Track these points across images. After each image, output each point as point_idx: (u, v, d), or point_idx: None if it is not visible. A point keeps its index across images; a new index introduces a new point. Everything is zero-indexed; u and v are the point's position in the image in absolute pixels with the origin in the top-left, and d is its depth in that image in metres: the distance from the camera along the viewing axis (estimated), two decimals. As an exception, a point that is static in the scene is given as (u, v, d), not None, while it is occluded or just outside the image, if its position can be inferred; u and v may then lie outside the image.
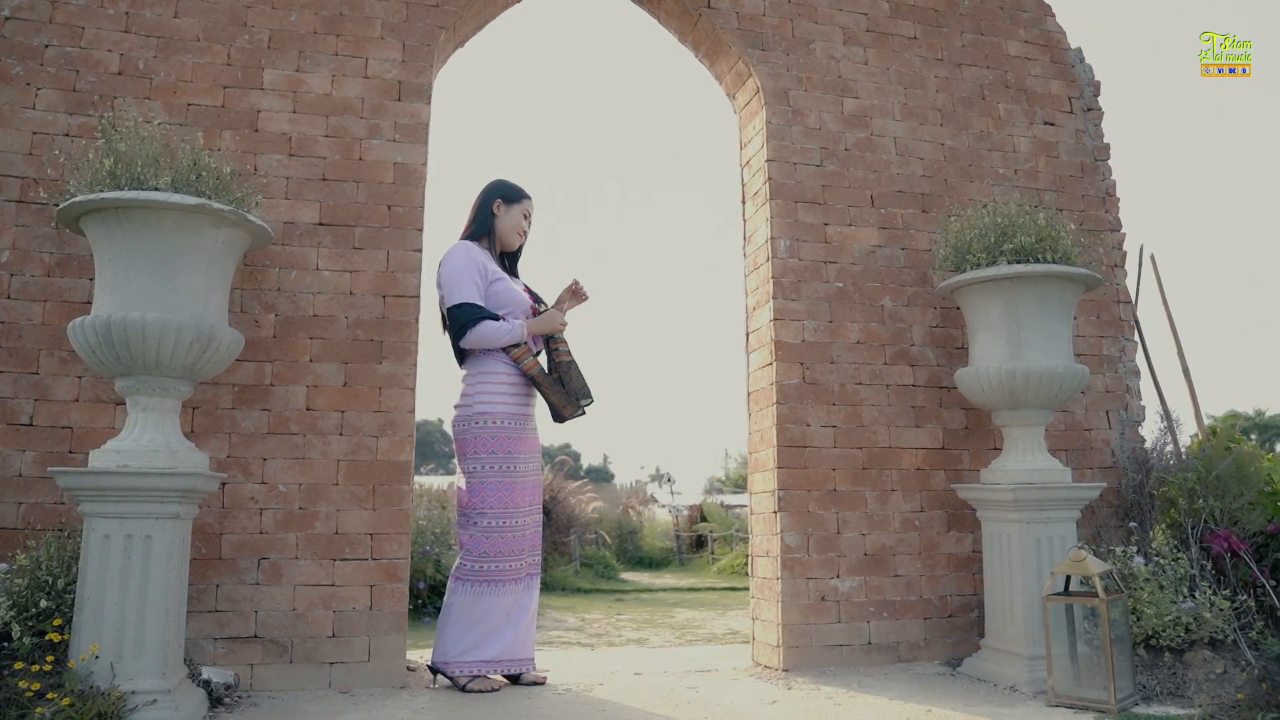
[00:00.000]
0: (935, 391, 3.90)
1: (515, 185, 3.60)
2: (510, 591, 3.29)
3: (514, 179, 3.66)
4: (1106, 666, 2.96)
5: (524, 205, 3.59)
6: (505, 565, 3.28)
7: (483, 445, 3.30)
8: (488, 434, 3.31)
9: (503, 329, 3.32)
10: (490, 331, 3.31)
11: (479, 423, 3.32)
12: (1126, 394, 4.10)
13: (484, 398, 3.34)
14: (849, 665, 3.58)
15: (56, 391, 3.06)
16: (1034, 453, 3.46)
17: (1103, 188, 4.28)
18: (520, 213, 3.57)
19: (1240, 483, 3.68)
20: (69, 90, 3.25)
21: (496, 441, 3.31)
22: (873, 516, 3.74)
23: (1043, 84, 4.31)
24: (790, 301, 3.80)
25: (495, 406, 3.33)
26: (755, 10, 4.00)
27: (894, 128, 4.07)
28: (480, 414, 3.33)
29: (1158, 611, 3.23)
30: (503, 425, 3.33)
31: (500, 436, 3.32)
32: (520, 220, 3.57)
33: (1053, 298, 3.39)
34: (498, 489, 3.29)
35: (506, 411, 3.34)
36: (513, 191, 3.58)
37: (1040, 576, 3.30)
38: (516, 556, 3.31)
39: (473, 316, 3.29)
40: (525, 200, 3.59)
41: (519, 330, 3.35)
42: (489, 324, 3.31)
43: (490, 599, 3.26)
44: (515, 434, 3.35)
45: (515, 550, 3.31)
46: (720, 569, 15.91)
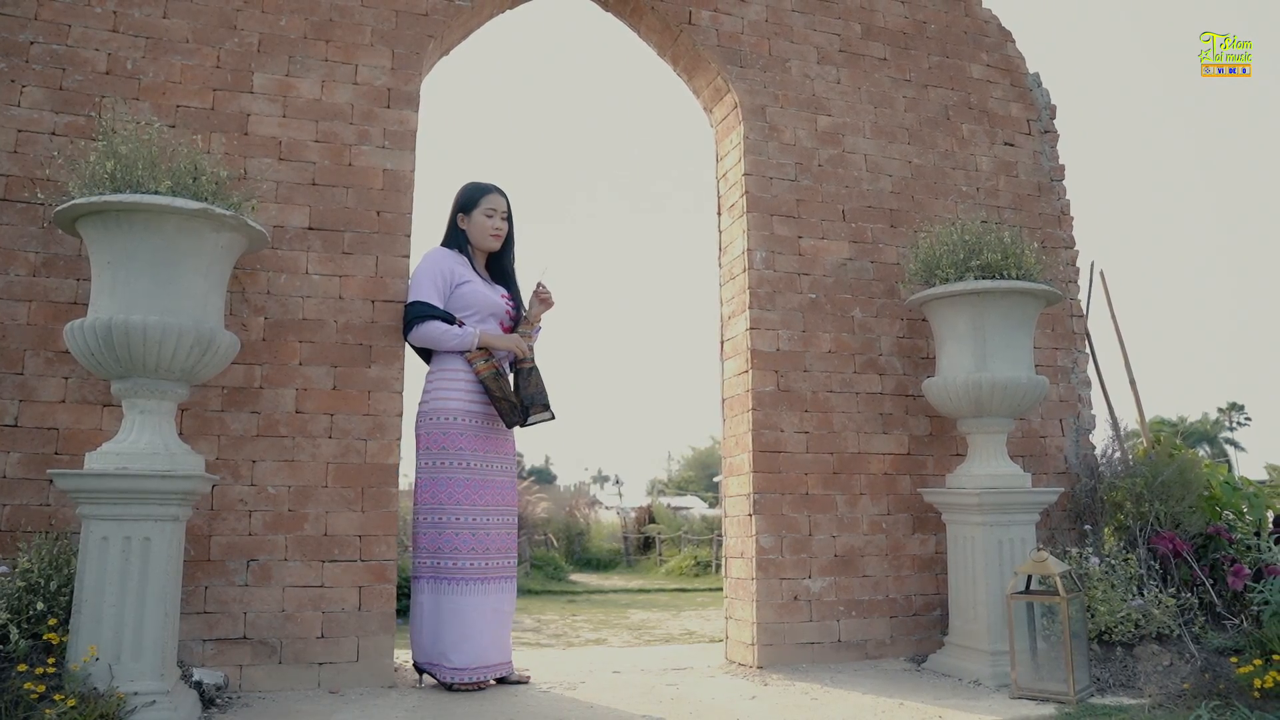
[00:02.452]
0: (902, 399, 4.07)
1: (471, 187, 3.59)
2: (478, 591, 3.29)
3: (484, 178, 3.70)
4: (1066, 660, 3.14)
5: (484, 204, 3.56)
6: (467, 563, 3.28)
7: (435, 441, 3.34)
8: (440, 430, 3.34)
9: (450, 333, 3.35)
10: (435, 332, 3.34)
11: (434, 419, 3.36)
12: (1079, 403, 4.33)
13: (442, 394, 3.38)
14: (820, 662, 3.73)
15: (42, 392, 3.04)
16: (997, 459, 3.64)
17: (1058, 206, 4.50)
18: (482, 214, 3.55)
19: (1183, 487, 3.91)
20: (55, 89, 3.23)
21: (450, 438, 3.34)
22: (843, 519, 3.89)
23: (1003, 106, 4.53)
24: (766, 311, 3.94)
25: (452, 403, 3.36)
26: (734, 29, 4.13)
27: (864, 145, 4.23)
28: (437, 409, 3.37)
29: (1110, 609, 3.44)
30: (458, 422, 3.36)
31: (454, 433, 3.34)
32: (485, 221, 3.55)
33: (1016, 312, 3.58)
34: (449, 485, 3.31)
35: (465, 409, 3.37)
36: (469, 199, 3.57)
37: (1002, 576, 3.48)
38: (480, 556, 3.31)
39: (419, 314, 3.33)
40: (484, 197, 3.56)
41: (467, 339, 3.36)
42: (435, 324, 3.34)
43: (455, 597, 3.25)
44: (478, 432, 3.38)
45: (479, 549, 3.31)
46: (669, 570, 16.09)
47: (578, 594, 12.18)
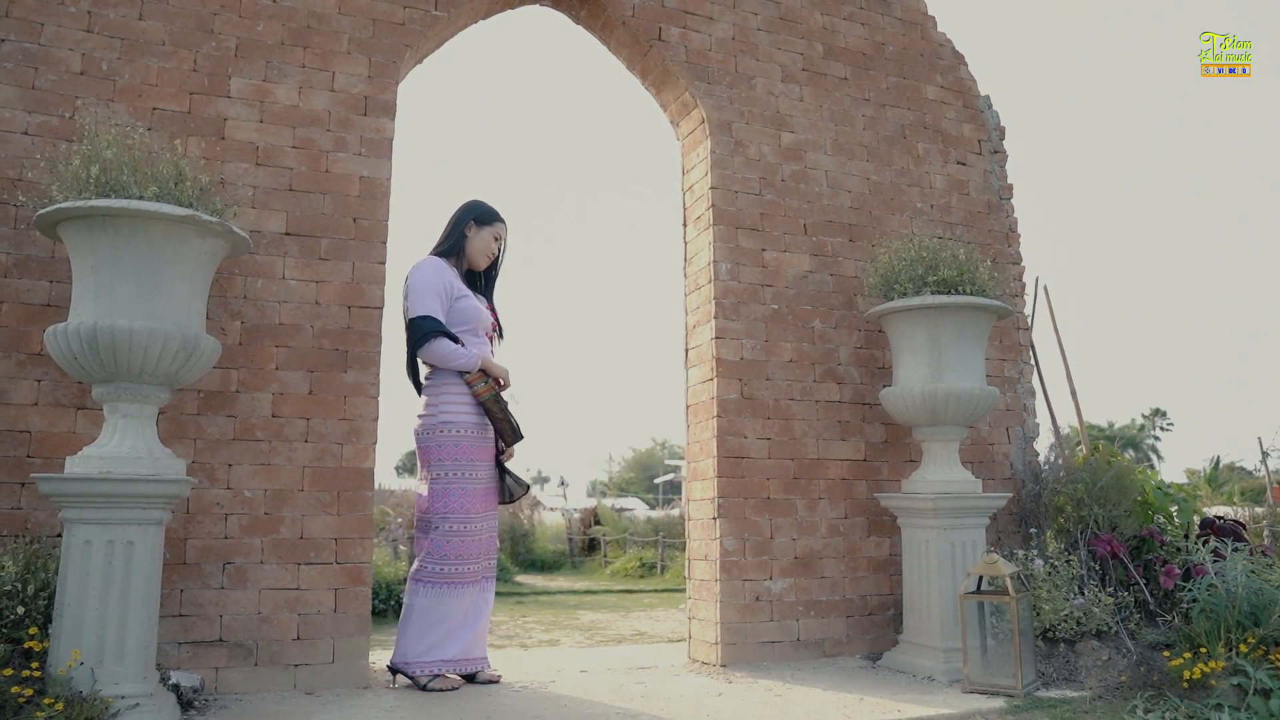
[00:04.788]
0: (859, 408, 4.23)
1: (490, 208, 3.73)
2: (468, 593, 3.43)
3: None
4: (1015, 656, 3.33)
5: (495, 229, 3.72)
6: (464, 568, 3.41)
7: (446, 453, 3.43)
8: (451, 442, 3.43)
9: (459, 353, 3.44)
10: (446, 350, 3.42)
11: (443, 431, 3.44)
12: (1024, 412, 4.55)
13: (449, 407, 3.46)
14: (780, 660, 3.87)
15: (14, 395, 3.02)
16: (950, 466, 3.82)
17: (1006, 224, 4.72)
18: (490, 235, 3.70)
19: (1120, 493, 4.15)
20: (27, 88, 3.20)
21: (460, 449, 3.44)
22: (802, 523, 4.04)
23: (956, 126, 4.73)
24: (730, 321, 4.06)
25: (459, 416, 3.46)
26: (703, 46, 4.25)
27: (825, 161, 4.39)
28: (445, 423, 3.44)
29: (1054, 608, 3.64)
30: (465, 434, 3.46)
31: (464, 444, 3.45)
32: (490, 243, 3.70)
33: (970, 326, 3.76)
34: (460, 495, 3.42)
35: (470, 421, 3.47)
36: (486, 215, 3.71)
37: (955, 577, 3.65)
38: (474, 560, 3.45)
39: (433, 329, 3.40)
40: (498, 224, 3.73)
41: (472, 360, 3.46)
42: (446, 343, 3.42)
43: (450, 600, 3.39)
44: (476, 442, 3.49)
45: (473, 554, 3.44)
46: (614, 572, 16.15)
47: (525, 595, 12.19)
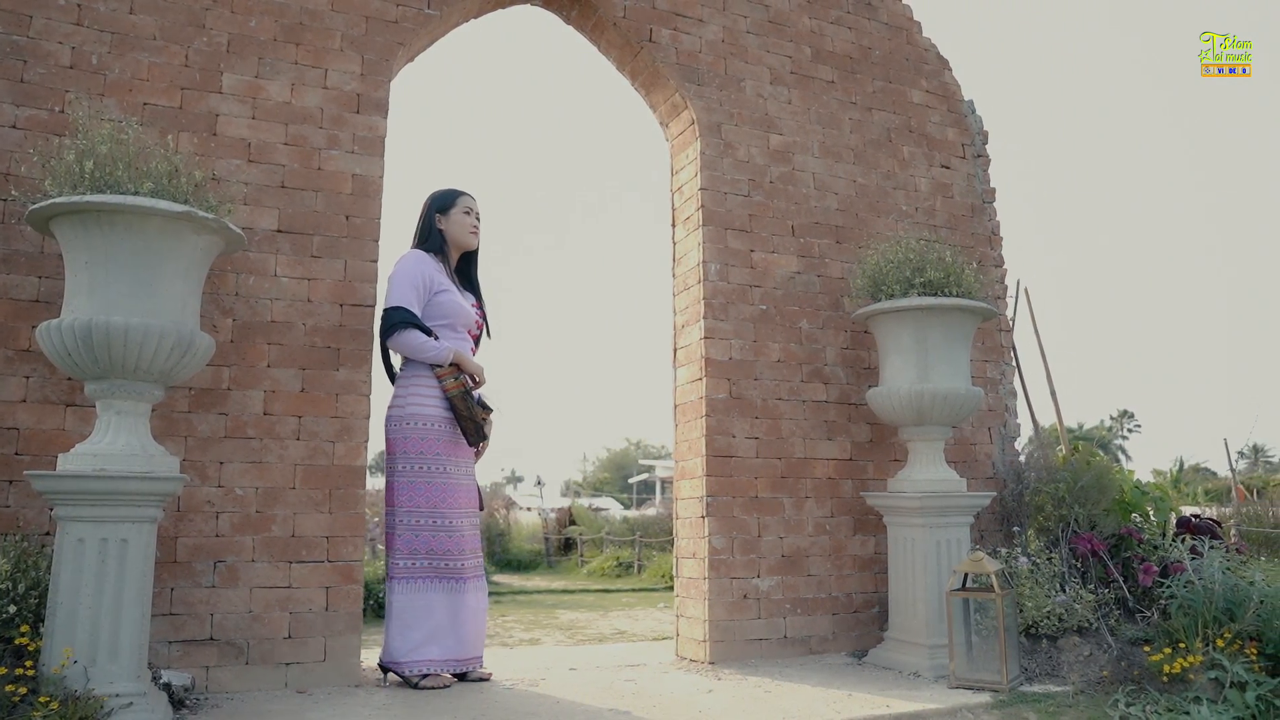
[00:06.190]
0: (845, 407, 4.28)
1: (447, 190, 3.71)
2: (449, 590, 3.38)
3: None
4: (1000, 652, 3.39)
5: (460, 204, 3.68)
6: (440, 564, 3.37)
7: (412, 446, 3.41)
8: (418, 435, 3.41)
9: (428, 345, 3.41)
10: (415, 342, 3.40)
11: (410, 424, 3.42)
12: (1006, 413, 4.62)
13: (417, 399, 3.44)
14: (768, 658, 3.90)
15: (2, 391, 2.98)
16: (936, 465, 3.88)
17: (989, 227, 4.79)
18: (460, 213, 3.67)
19: (1099, 492, 4.23)
20: (16, 81, 3.16)
21: (427, 443, 3.41)
22: (789, 521, 4.08)
23: (940, 130, 4.79)
24: (719, 321, 4.10)
25: (429, 409, 3.43)
26: (693, 47, 4.28)
27: (813, 164, 4.44)
28: (413, 415, 3.42)
29: (1037, 604, 3.70)
30: (433, 428, 3.43)
31: (430, 438, 3.42)
32: (464, 219, 3.67)
33: (956, 327, 3.82)
34: (426, 489, 3.39)
35: (441, 415, 3.44)
36: (445, 199, 3.68)
37: (940, 575, 3.71)
38: (453, 557, 3.41)
39: (401, 319, 3.39)
40: (459, 199, 3.69)
41: (442, 354, 3.43)
42: (416, 334, 3.40)
43: (428, 595, 3.34)
44: (452, 438, 3.47)
45: (451, 550, 3.40)
46: (590, 571, 16.15)
47: (503, 594, 12.16)
